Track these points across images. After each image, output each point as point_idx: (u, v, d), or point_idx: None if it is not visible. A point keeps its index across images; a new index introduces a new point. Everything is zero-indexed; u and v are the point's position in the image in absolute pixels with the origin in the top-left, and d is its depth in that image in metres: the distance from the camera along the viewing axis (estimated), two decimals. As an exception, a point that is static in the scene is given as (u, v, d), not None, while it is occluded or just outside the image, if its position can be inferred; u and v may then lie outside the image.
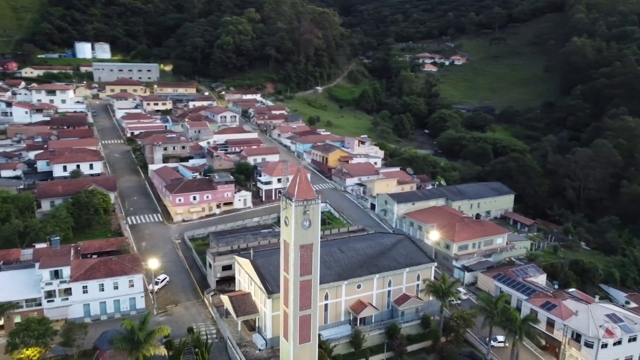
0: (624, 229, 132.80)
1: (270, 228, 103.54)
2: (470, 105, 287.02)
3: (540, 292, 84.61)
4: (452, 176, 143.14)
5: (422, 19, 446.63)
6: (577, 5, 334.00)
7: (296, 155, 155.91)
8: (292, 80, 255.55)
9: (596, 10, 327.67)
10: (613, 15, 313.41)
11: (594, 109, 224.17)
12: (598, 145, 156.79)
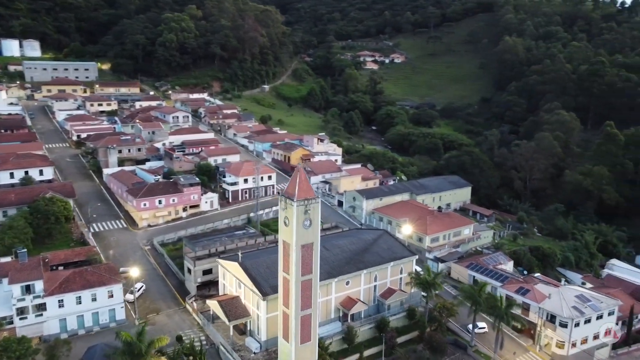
0: (569, 216, 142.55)
1: (244, 229, 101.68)
2: (413, 102, 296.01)
3: (513, 278, 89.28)
4: (411, 171, 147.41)
5: (360, 18, 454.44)
6: (506, 6, 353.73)
7: (255, 155, 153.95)
8: (239, 79, 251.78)
9: (523, 11, 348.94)
10: (539, 15, 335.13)
11: (529, 104, 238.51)
12: (540, 138, 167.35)
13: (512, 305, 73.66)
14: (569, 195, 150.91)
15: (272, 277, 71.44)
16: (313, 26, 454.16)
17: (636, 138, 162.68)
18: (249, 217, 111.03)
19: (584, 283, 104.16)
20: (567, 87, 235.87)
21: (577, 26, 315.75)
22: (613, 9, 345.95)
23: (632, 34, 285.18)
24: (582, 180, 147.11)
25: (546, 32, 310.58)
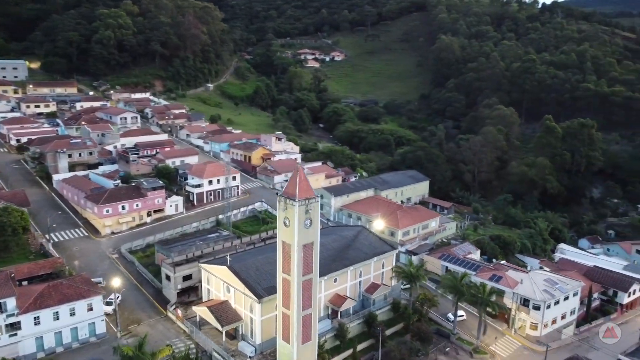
0: (517, 205, 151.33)
1: (217, 232, 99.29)
2: (356, 99, 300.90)
3: (484, 266, 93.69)
4: (370, 167, 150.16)
5: (297, 16, 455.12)
6: (439, 6, 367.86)
7: (212, 156, 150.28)
8: (182, 78, 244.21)
9: (455, 11, 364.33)
10: (470, 15, 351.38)
11: (467, 100, 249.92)
12: (486, 132, 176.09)
13: (493, 292, 77.28)
14: (515, 185, 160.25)
15: (263, 279, 70.58)
16: (249, 24, 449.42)
17: (572, 130, 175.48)
18: (218, 220, 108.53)
19: (541, 267, 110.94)
20: (501, 83, 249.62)
21: (505, 26, 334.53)
22: (535, 10, 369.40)
23: (555, 33, 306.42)
24: (527, 171, 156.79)
25: (478, 31, 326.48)
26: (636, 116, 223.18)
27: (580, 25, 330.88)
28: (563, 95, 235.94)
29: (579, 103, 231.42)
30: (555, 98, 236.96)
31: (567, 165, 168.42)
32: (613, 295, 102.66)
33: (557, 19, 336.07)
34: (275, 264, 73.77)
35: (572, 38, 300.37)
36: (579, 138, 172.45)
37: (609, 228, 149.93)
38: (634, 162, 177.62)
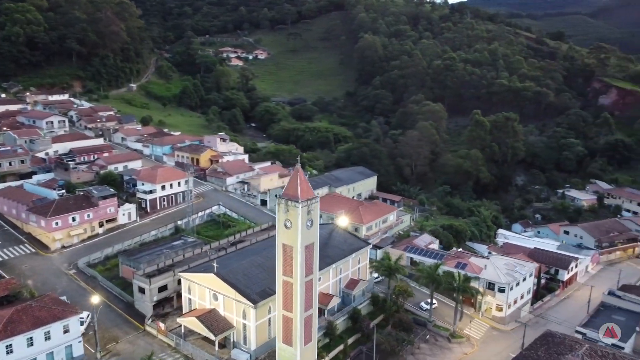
0: (455, 195, 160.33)
1: (181, 239, 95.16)
2: (283, 97, 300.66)
3: (448, 255, 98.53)
4: (318, 165, 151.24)
5: (214, 13, 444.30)
6: (358, 6, 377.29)
7: (153, 159, 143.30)
8: (103, 77, 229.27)
9: (373, 11, 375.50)
10: (388, 15, 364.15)
11: (394, 96, 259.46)
12: (421, 127, 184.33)
13: (468, 279, 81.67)
14: (450, 176, 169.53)
15: (252, 283, 69.30)
16: (163, 21, 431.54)
17: (498, 123, 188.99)
18: (177, 226, 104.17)
19: (490, 253, 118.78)
20: (425, 80, 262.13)
21: (421, 25, 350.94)
22: (446, 10, 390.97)
23: (467, 33, 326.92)
24: (463, 162, 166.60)
25: (397, 30, 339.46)
26: (544, 109, 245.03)
27: (487, 25, 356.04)
28: (480, 90, 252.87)
29: (495, 98, 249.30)
30: (474, 93, 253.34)
31: (496, 156, 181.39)
32: (555, 274, 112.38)
33: (467, 19, 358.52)
34: (262, 267, 73.35)
35: (482, 37, 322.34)
36: (505, 130, 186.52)
37: (535, 212, 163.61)
38: (548, 151, 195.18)
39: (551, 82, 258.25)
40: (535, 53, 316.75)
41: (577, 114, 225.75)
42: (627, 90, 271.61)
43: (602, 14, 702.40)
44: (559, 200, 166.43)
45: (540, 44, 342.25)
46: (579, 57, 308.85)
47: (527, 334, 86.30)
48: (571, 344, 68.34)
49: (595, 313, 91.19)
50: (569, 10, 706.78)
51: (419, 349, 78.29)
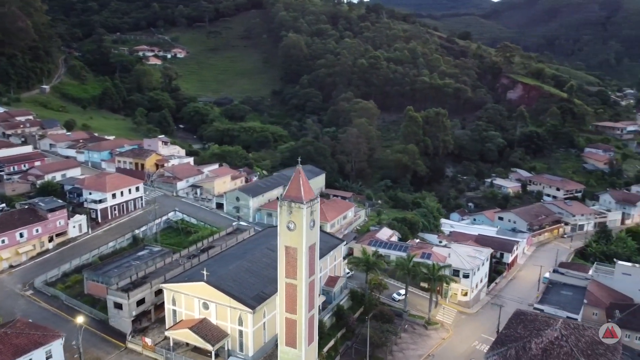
0: (396, 188, 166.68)
1: (146, 249, 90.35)
2: (209, 97, 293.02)
3: (411, 246, 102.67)
4: (265, 165, 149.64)
5: (124, 9, 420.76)
6: (277, 4, 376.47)
7: (90, 166, 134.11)
8: (12, 79, 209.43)
9: (293, 10, 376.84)
10: (308, 14, 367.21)
11: (323, 94, 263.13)
12: (359, 125, 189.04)
13: (441, 268, 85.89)
14: (390, 170, 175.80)
15: (244, 288, 68.25)
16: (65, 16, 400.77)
17: (429, 119, 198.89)
18: (135, 236, 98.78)
19: (440, 242, 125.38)
20: (352, 78, 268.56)
21: (341, 25, 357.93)
22: (362, 10, 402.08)
23: (386, 32, 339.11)
24: (402, 157, 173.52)
25: (318, 29, 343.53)
26: (463, 104, 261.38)
27: (402, 25, 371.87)
28: (404, 88, 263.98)
29: (418, 94, 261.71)
30: (399, 90, 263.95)
31: (428, 150, 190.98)
32: (500, 257, 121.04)
33: (384, 19, 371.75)
34: (250, 272, 72.42)
35: (400, 37, 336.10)
36: (436, 125, 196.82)
37: (468, 201, 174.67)
38: (473, 144, 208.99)
39: (467, 79, 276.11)
40: (448, 52, 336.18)
41: (494, 108, 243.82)
42: (531, 86, 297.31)
43: (493, 15, 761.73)
44: (488, 189, 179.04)
45: (451, 43, 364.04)
46: (487, 55, 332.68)
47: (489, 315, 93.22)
48: (545, 320, 74.48)
49: (546, 290, 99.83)
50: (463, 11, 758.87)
51: (400, 338, 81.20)
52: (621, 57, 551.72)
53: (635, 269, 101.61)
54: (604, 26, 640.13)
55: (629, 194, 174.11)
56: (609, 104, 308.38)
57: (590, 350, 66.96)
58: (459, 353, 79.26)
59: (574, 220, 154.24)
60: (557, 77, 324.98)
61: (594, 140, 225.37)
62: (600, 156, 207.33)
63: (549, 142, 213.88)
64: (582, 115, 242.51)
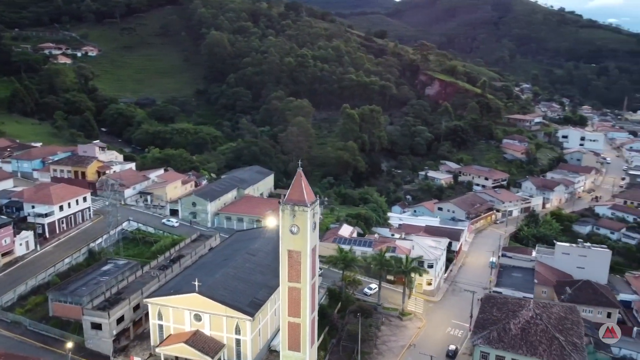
0: (339, 185, 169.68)
1: (109, 263, 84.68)
2: (130, 98, 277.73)
3: (375, 242, 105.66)
4: (211, 168, 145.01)
5: (22, 3, 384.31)
6: (195, 1, 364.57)
7: (19, 176, 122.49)
8: None
9: (211, 6, 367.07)
10: (228, 11, 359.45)
11: (252, 93, 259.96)
12: (298, 123, 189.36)
13: (414, 260, 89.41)
14: (331, 168, 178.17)
15: (238, 296, 67.13)
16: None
17: (365, 115, 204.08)
18: (90, 250, 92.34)
19: (393, 234, 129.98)
20: (280, 77, 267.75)
21: (262, 22, 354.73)
22: (281, 8, 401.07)
23: (309, 30, 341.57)
24: (343, 154, 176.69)
25: (239, 27, 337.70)
26: (389, 101, 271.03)
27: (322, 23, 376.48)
28: (333, 85, 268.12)
29: (346, 92, 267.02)
30: (327, 88, 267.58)
31: (366, 146, 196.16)
32: (449, 245, 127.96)
33: (304, 17, 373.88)
34: (237, 279, 71.38)
35: (322, 35, 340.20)
36: (371, 122, 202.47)
37: (406, 194, 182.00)
38: (404, 138, 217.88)
39: (390, 76, 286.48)
40: (368, 50, 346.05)
41: (419, 104, 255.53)
42: (447, 82, 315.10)
43: (396, 14, 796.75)
44: (423, 182, 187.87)
45: (369, 41, 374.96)
46: (405, 53, 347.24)
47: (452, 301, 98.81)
48: (516, 302, 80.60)
49: (499, 274, 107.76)
50: (369, 10, 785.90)
51: (381, 331, 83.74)
52: (514, 54, 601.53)
53: (572, 248, 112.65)
54: (497, 26, 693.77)
55: (546, 180, 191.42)
56: (512, 98, 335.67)
57: (561, 325, 73.70)
58: (436, 340, 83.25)
59: (504, 207, 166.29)
60: (468, 73, 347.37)
61: (510, 132, 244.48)
62: (517, 146, 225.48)
63: (471, 135, 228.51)
64: (497, 109, 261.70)
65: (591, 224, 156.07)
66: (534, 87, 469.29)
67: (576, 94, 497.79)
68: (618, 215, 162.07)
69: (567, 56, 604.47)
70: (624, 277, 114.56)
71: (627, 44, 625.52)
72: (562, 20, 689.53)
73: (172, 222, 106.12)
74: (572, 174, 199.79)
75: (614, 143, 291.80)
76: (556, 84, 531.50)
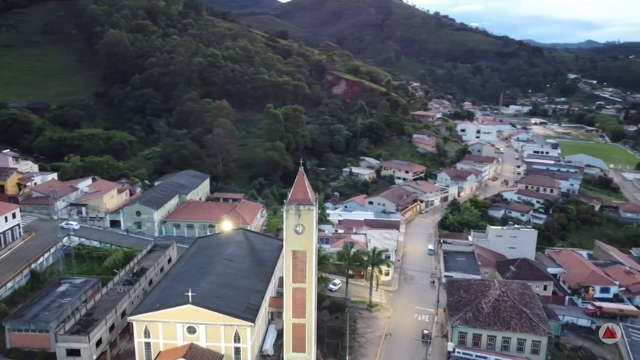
0: (271, 186, 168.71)
1: (64, 283, 76.67)
2: (19, 102, 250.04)
3: (331, 238, 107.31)
4: (141, 174, 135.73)
5: None
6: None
7: None
8: None
9: (102, 2, 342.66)
10: (123, 8, 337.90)
11: (162, 95, 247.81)
12: (223, 125, 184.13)
13: (380, 253, 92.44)
14: (260, 169, 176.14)
15: (232, 303, 65.02)
16: None
17: (289, 115, 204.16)
18: (32, 270, 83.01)
19: (336, 231, 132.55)
20: (192, 78, 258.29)
21: (162, 21, 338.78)
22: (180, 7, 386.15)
23: (213, 30, 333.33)
24: (273, 154, 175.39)
25: (138, 25, 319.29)
26: (302, 101, 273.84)
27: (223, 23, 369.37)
28: (245, 86, 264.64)
29: (260, 92, 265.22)
30: (240, 89, 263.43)
31: (292, 145, 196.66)
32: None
33: (205, 16, 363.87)
34: (225, 286, 69.56)
35: (227, 35, 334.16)
36: (294, 121, 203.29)
37: (334, 191, 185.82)
38: (323, 137, 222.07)
39: (302, 76, 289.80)
40: (274, 50, 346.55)
41: (334, 103, 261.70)
42: (353, 82, 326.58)
43: (285, 15, 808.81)
44: (349, 178, 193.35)
45: (273, 41, 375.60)
46: (310, 53, 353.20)
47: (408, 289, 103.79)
48: (480, 283, 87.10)
49: (445, 259, 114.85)
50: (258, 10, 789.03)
51: (357, 324, 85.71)
52: (399, 55, 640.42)
53: (504, 230, 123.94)
54: (381, 28, 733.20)
55: (458, 170, 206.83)
56: (409, 96, 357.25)
57: (523, 300, 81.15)
58: (408, 327, 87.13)
59: (427, 198, 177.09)
60: (370, 73, 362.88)
61: (418, 128, 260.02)
62: (427, 141, 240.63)
63: (385, 131, 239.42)
64: (405, 106, 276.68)
65: (504, 209, 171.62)
66: (424, 86, 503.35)
67: (457, 92, 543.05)
68: (524, 199, 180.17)
69: (445, 57, 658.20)
70: (544, 253, 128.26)
71: (495, 45, 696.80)
72: (439, 24, 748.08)
73: (72, 225, 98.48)
74: (479, 164, 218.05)
75: (501, 135, 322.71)
76: (439, 82, 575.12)
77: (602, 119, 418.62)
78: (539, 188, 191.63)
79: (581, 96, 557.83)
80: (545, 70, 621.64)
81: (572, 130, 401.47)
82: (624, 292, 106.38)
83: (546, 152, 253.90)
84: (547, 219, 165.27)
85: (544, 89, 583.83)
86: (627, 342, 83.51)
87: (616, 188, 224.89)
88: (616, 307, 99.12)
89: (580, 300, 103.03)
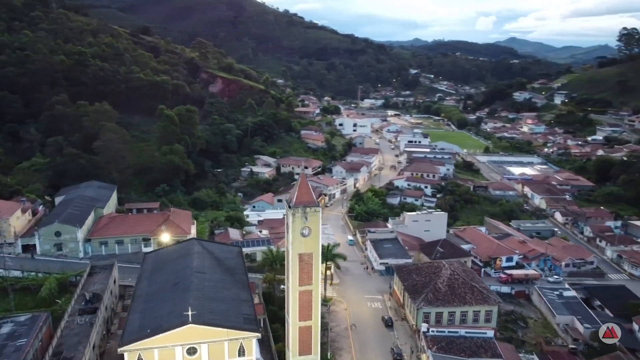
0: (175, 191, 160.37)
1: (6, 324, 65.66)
2: None
3: (272, 239, 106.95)
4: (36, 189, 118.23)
5: None
6: None
7: None
8: None
9: None
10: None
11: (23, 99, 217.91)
12: (113, 130, 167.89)
13: (334, 247, 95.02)
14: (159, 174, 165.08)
15: (229, 316, 62.55)
16: None
17: (183, 117, 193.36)
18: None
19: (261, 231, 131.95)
20: (56, 78, 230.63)
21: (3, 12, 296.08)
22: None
23: (69, 25, 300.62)
24: (174, 158, 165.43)
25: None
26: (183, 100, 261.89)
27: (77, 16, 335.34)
28: (120, 86, 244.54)
29: (136, 93, 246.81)
30: (114, 89, 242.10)
31: (190, 147, 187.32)
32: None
33: (55, 9, 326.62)
34: (212, 300, 67.01)
35: (85, 30, 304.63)
36: (189, 122, 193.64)
37: (237, 191, 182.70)
38: (215, 137, 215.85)
39: (179, 74, 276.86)
40: (142, 48, 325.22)
41: (219, 102, 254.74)
42: (230, 80, 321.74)
43: (130, 9, 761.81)
44: (250, 177, 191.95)
45: (138, 37, 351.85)
46: (181, 51, 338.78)
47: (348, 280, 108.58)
48: (429, 265, 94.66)
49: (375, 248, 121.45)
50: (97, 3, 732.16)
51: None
52: (256, 52, 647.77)
53: (419, 215, 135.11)
54: (235, 25, 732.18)
55: (350, 163, 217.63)
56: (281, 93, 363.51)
57: (469, 277, 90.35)
58: (367, 314, 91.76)
59: (329, 191, 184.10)
60: (244, 70, 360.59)
61: (304, 124, 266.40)
62: (316, 136, 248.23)
63: (275, 128, 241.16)
64: (289, 103, 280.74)
65: (399, 196, 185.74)
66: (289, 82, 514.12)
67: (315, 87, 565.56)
68: (414, 185, 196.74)
69: (300, 54, 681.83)
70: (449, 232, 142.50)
71: (344, 43, 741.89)
72: (291, 22, 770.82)
73: None
74: (366, 156, 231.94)
75: (372, 127, 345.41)
76: (297, 78, 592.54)
77: (446, 110, 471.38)
78: (423, 174, 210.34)
79: (423, 89, 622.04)
80: (391, 66, 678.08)
81: (423, 120, 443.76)
82: (522, 259, 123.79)
83: (419, 141, 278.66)
84: (437, 201, 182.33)
85: (391, 84, 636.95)
86: (545, 301, 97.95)
87: (477, 170, 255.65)
88: (523, 273, 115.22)
89: (493, 270, 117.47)
